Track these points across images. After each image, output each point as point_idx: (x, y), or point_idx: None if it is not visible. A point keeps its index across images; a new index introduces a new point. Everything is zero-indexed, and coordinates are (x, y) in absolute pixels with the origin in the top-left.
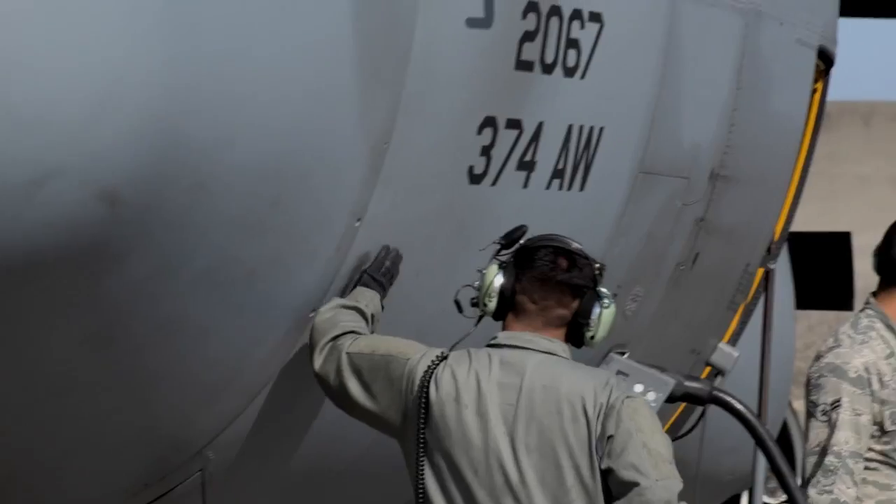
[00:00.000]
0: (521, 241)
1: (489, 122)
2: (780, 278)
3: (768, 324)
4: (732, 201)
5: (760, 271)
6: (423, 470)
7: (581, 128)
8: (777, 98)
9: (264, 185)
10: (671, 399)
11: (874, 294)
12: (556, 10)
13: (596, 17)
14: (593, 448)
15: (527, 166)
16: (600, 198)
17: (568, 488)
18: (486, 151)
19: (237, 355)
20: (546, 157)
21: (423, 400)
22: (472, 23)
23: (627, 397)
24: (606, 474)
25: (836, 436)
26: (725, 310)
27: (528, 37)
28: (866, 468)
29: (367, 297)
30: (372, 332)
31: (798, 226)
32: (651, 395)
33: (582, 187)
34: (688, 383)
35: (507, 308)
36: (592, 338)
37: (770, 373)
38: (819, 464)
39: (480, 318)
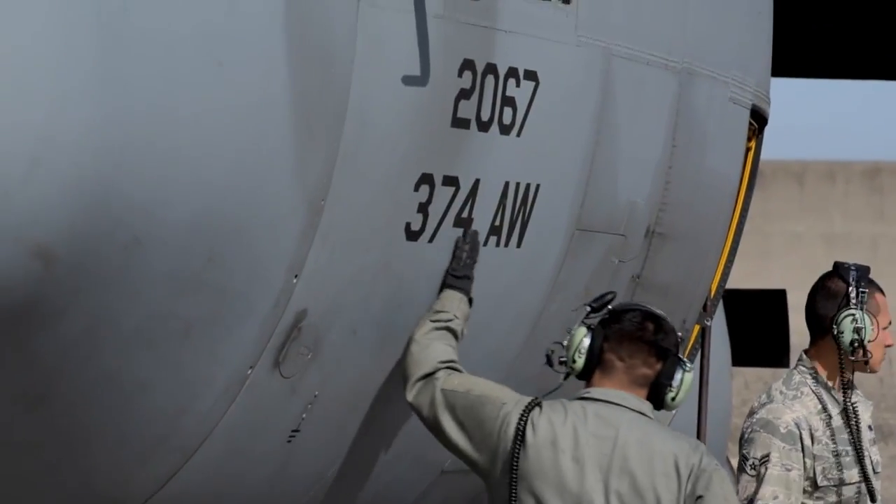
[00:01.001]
0: (610, 306)
1: (426, 178)
2: (716, 335)
3: (704, 380)
4: (668, 258)
5: (696, 328)
6: None
7: (517, 185)
8: (712, 156)
9: (199, 241)
10: None
11: (806, 351)
12: (491, 68)
13: (531, 75)
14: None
15: (464, 223)
16: (537, 254)
17: None
18: (422, 208)
19: (173, 412)
20: (483, 214)
21: (519, 442)
22: (408, 80)
23: (718, 466)
24: None
25: (763, 490)
26: None
27: (464, 94)
28: None
29: (454, 305)
30: (463, 331)
31: (733, 283)
32: None
33: (519, 244)
34: None
35: (594, 366)
36: (673, 399)
37: (707, 429)
38: None
39: (568, 375)
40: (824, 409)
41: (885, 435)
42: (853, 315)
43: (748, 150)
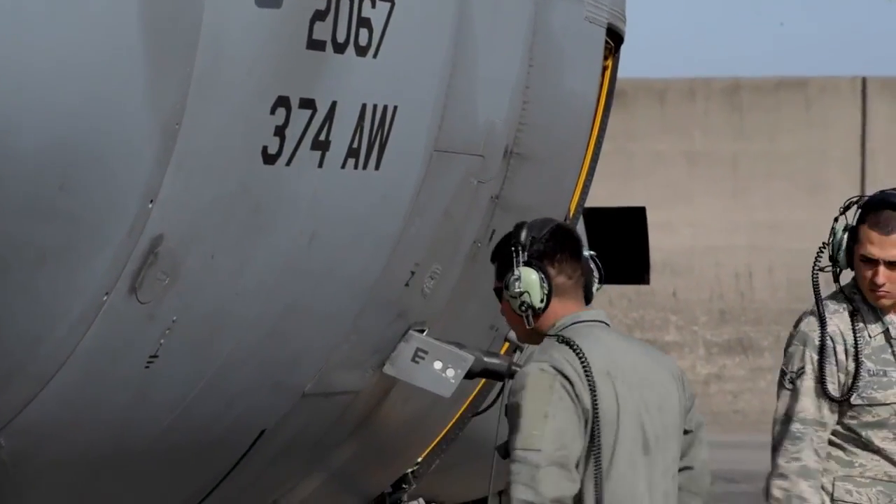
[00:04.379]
0: (528, 235)
1: (282, 101)
2: None
3: None
4: (527, 178)
5: None
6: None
7: (375, 107)
8: (569, 76)
9: (51, 169)
10: (470, 375)
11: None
12: None
13: None
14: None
15: (321, 146)
16: (396, 176)
17: (678, 437)
18: (279, 131)
19: (28, 341)
20: (340, 137)
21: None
22: (262, 2)
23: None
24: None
25: (801, 403)
26: None
27: (318, 16)
28: (831, 443)
29: None
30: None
31: (597, 202)
32: (450, 372)
33: (377, 166)
34: (487, 359)
35: (551, 296)
36: (597, 290)
37: None
38: (785, 431)
39: (536, 317)
40: (864, 326)
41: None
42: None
43: (605, 69)
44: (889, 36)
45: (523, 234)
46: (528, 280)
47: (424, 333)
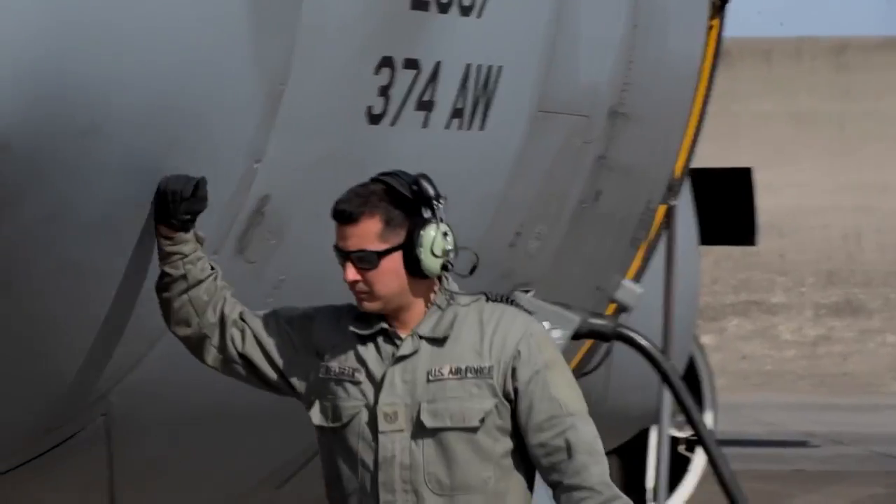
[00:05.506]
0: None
1: (386, 62)
2: (682, 215)
3: (671, 259)
4: (632, 139)
5: (662, 208)
6: None
7: (479, 67)
8: (673, 36)
9: (158, 127)
10: (576, 336)
11: None
12: None
13: None
14: None
15: (426, 106)
16: (500, 137)
17: None
18: (384, 92)
19: (138, 299)
20: (445, 97)
21: None
22: None
23: None
24: None
25: None
26: (628, 247)
27: None
28: None
29: None
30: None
31: (700, 163)
32: (556, 333)
33: (482, 126)
34: (592, 320)
35: None
36: None
37: (675, 308)
38: None
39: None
40: None
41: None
42: None
43: (710, 28)
44: None
45: (430, 187)
46: (453, 238)
47: (530, 294)
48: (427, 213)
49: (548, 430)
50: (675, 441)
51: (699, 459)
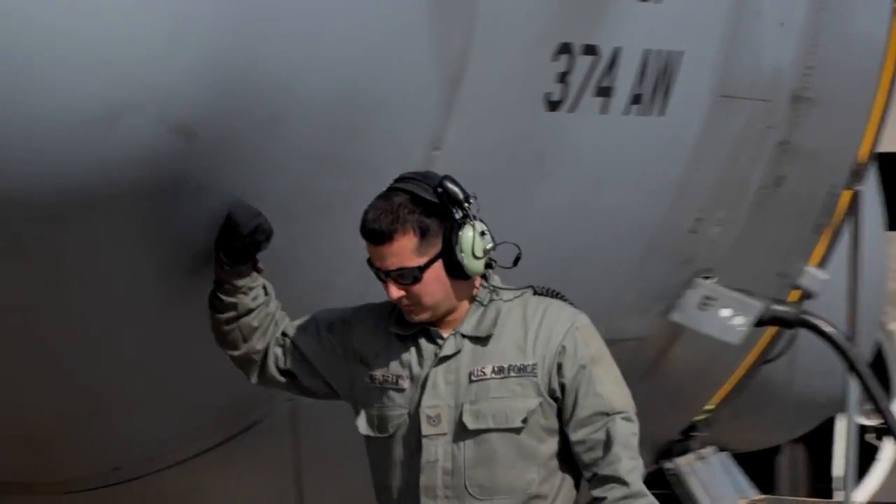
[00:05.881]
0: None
1: (565, 48)
2: (868, 200)
3: (857, 245)
4: (815, 123)
5: (847, 193)
6: None
7: (658, 52)
8: (858, 17)
9: (340, 116)
10: (759, 323)
11: None
12: None
13: None
14: None
15: (604, 92)
16: (680, 122)
17: None
18: (562, 78)
19: (317, 287)
20: (624, 83)
21: None
22: None
23: None
24: None
25: None
26: (810, 233)
27: None
28: None
29: None
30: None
31: (887, 147)
32: (738, 320)
33: (662, 112)
34: (775, 307)
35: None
36: None
37: (861, 295)
38: None
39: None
40: None
41: None
42: None
43: (895, 9)
44: None
45: (457, 188)
46: (488, 238)
47: (711, 281)
48: (458, 214)
49: (589, 426)
50: (862, 430)
51: (889, 449)
